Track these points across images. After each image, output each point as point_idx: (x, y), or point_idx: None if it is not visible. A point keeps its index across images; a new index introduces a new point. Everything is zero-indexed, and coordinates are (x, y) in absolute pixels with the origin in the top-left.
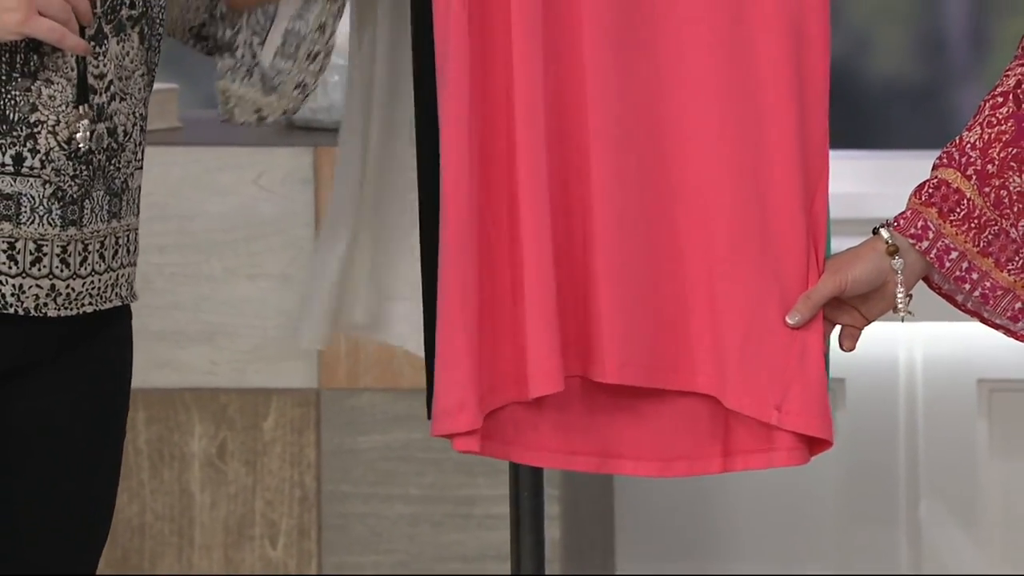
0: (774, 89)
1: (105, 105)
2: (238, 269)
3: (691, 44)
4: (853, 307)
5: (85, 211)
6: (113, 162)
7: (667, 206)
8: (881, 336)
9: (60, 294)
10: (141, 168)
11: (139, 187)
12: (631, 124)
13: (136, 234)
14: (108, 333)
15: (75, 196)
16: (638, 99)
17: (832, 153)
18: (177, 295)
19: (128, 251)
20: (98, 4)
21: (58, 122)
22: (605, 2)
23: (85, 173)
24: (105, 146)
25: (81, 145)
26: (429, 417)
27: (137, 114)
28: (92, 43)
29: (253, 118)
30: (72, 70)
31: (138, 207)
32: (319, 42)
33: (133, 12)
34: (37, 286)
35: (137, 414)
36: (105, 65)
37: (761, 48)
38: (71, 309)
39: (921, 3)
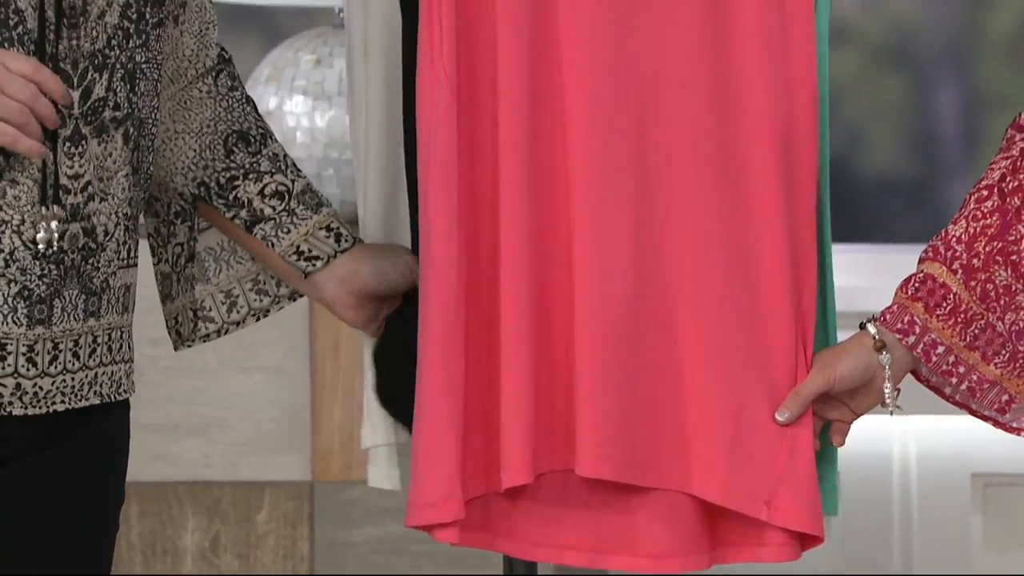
0: (762, 182)
1: (81, 205)
2: (232, 361)
3: (681, 137)
4: (842, 402)
5: (55, 310)
6: (90, 262)
7: (654, 299)
8: (874, 430)
9: (27, 392)
10: (131, 266)
11: (127, 285)
12: (618, 218)
13: (124, 332)
14: (95, 427)
15: (43, 295)
16: (625, 190)
17: None
18: (171, 388)
19: (111, 349)
20: (75, 105)
21: (23, 221)
22: (597, 100)
23: (55, 272)
24: (80, 246)
25: (41, 246)
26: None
27: (121, 214)
28: (68, 144)
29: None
30: (39, 171)
31: (125, 305)
32: (223, 306)
33: (117, 114)
34: (1, 384)
35: (130, 508)
36: (82, 166)
37: (749, 141)
38: (40, 407)
39: (913, 100)
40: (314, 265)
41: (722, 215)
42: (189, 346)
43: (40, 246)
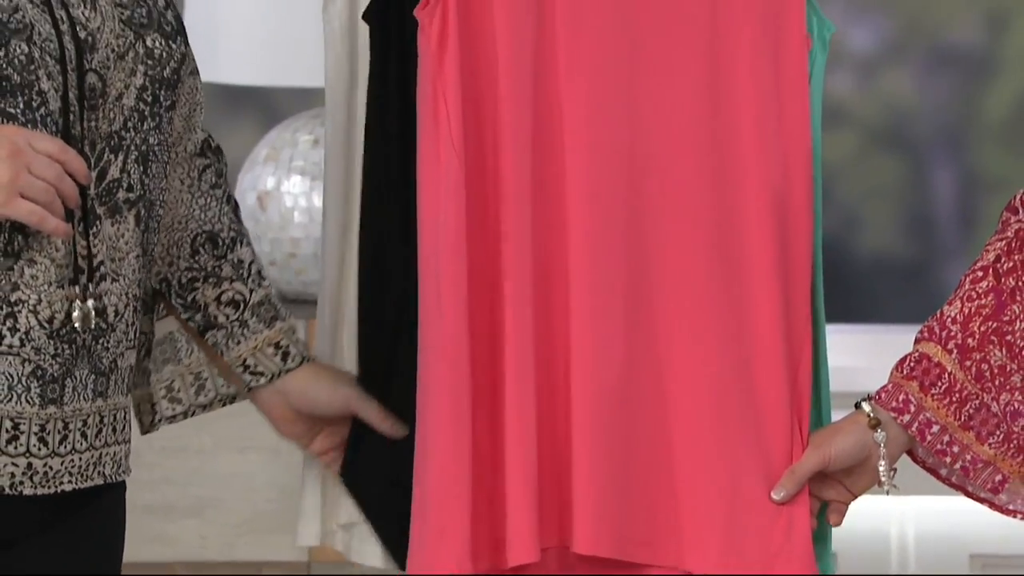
0: (758, 258)
1: (95, 286)
2: (228, 442)
3: (677, 212)
4: (838, 481)
5: (67, 390)
6: (101, 342)
7: (651, 378)
8: (872, 510)
9: (37, 472)
10: (135, 347)
11: (131, 366)
12: (616, 299)
13: (126, 413)
14: (96, 508)
15: (56, 375)
16: (622, 272)
17: None
18: (167, 468)
19: (115, 430)
20: (91, 186)
21: (39, 301)
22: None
23: (68, 352)
24: (92, 326)
25: (77, 325)
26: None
27: (131, 295)
28: (83, 224)
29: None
30: (57, 250)
31: (129, 386)
32: (164, 398)
33: (131, 195)
34: (13, 464)
35: None
36: (96, 247)
37: (746, 217)
38: (49, 487)
39: (910, 182)
40: (258, 381)
41: (717, 291)
42: (155, 430)
43: (76, 324)
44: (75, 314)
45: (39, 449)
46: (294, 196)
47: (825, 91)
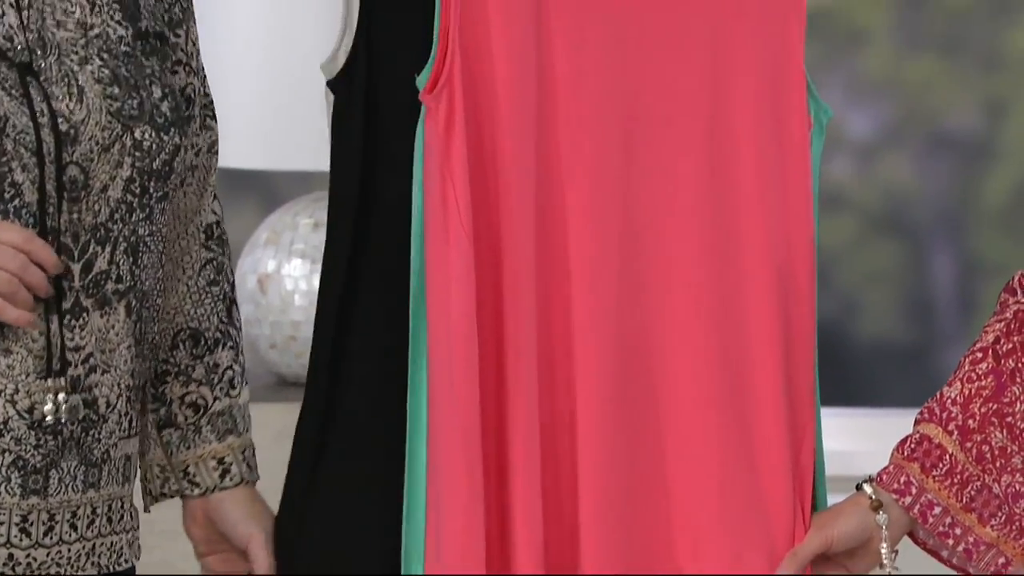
0: (760, 344)
1: (82, 377)
2: None
3: (679, 300)
4: (840, 563)
5: (51, 481)
6: (91, 433)
7: (654, 462)
8: None
9: (19, 563)
10: (132, 436)
11: (128, 455)
12: (620, 380)
13: (125, 502)
14: None
15: (39, 466)
16: (624, 348)
17: (822, 411)
18: (167, 552)
19: (110, 520)
20: (76, 278)
21: (16, 391)
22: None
23: (52, 443)
24: (81, 418)
25: (48, 419)
26: None
27: (123, 385)
28: (69, 316)
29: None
30: (34, 341)
31: (127, 475)
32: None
33: (120, 286)
34: None
35: None
36: (83, 338)
37: (748, 299)
38: None
39: (908, 267)
40: (191, 491)
41: (718, 370)
42: (147, 512)
43: (47, 419)
44: (47, 407)
45: (20, 540)
46: (294, 279)
47: (824, 176)
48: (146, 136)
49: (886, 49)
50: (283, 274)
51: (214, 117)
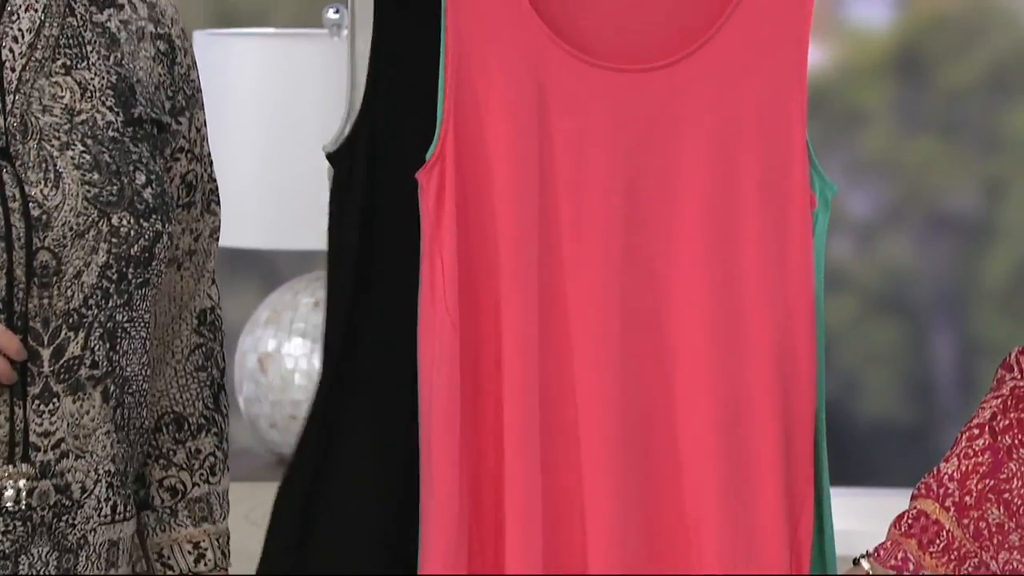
0: (760, 418)
1: (53, 463)
2: None
3: (682, 377)
4: None
5: (21, 567)
6: (64, 519)
7: (654, 538)
8: None
9: None
10: (119, 521)
11: (113, 540)
12: (626, 458)
13: None
14: None
15: (6, 551)
16: (628, 427)
17: None
18: None
19: None
20: (46, 363)
21: None
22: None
23: (20, 529)
24: (52, 503)
25: (9, 505)
26: None
27: (101, 471)
28: (38, 401)
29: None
30: None
31: (112, 560)
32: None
33: (95, 372)
34: None
35: None
36: (53, 423)
37: (749, 376)
38: None
39: (909, 346)
40: (164, 573)
41: (718, 446)
42: None
43: (8, 504)
44: (7, 493)
45: None
46: (295, 358)
47: (826, 256)
48: (124, 222)
49: (886, 129)
50: (283, 353)
51: (218, 203)
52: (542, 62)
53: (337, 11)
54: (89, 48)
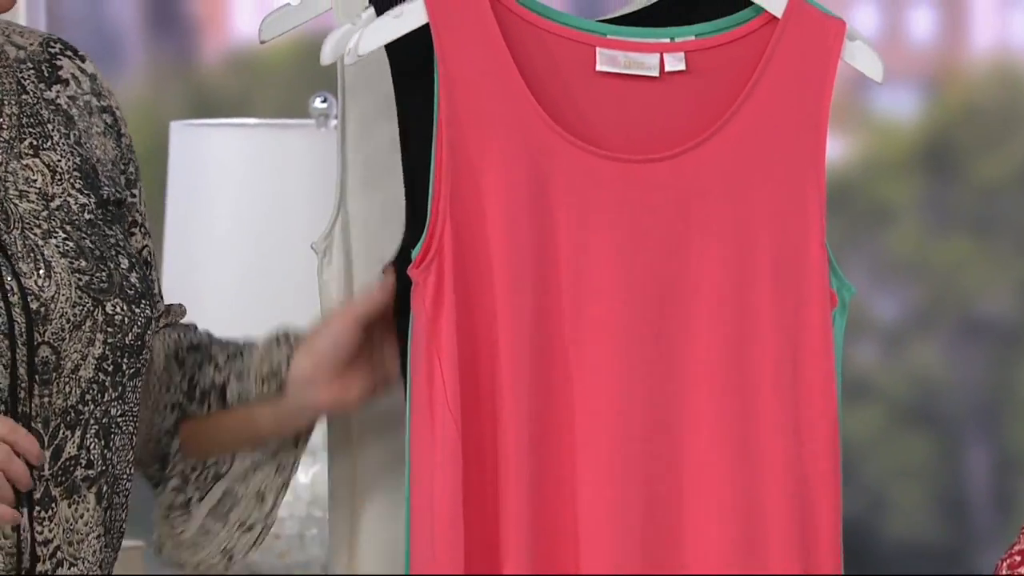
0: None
1: (49, 574)
2: None
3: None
4: None
5: None
6: None
7: None
8: None
9: None
10: None
11: None
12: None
13: None
14: None
15: None
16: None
17: None
18: None
19: None
20: (45, 466)
21: None
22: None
23: None
24: None
25: None
26: None
27: None
28: (38, 508)
29: (180, 562)
30: (5, 538)
31: None
32: (255, 511)
33: (90, 472)
34: None
35: None
36: (52, 530)
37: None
38: None
39: (940, 461)
40: (284, 368)
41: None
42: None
43: None
44: None
45: None
46: None
47: (849, 363)
48: (118, 309)
49: (913, 227)
50: None
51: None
52: (544, 153)
53: (325, 100)
54: (50, 127)
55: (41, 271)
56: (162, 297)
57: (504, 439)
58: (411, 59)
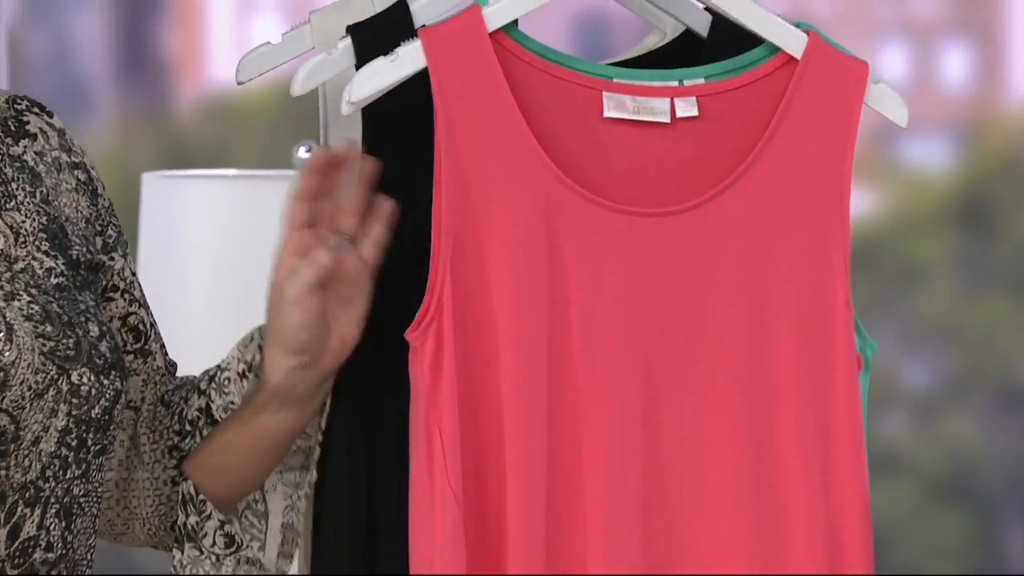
0: None
1: None
2: None
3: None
4: None
5: None
6: None
7: None
8: None
9: None
10: None
11: None
12: None
13: None
14: None
15: None
16: None
17: None
18: None
19: None
20: (1, 546)
21: None
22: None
23: None
24: None
25: None
26: None
27: None
28: None
29: None
30: None
31: None
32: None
33: (50, 555)
34: None
35: None
36: None
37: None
38: None
39: (975, 540)
40: (258, 358)
41: None
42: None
43: None
44: None
45: None
46: None
47: (878, 434)
48: (84, 380)
49: (946, 287)
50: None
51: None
52: (551, 206)
53: (309, 149)
54: (14, 186)
55: (1, 334)
56: (165, 352)
57: (512, 519)
58: (391, 100)
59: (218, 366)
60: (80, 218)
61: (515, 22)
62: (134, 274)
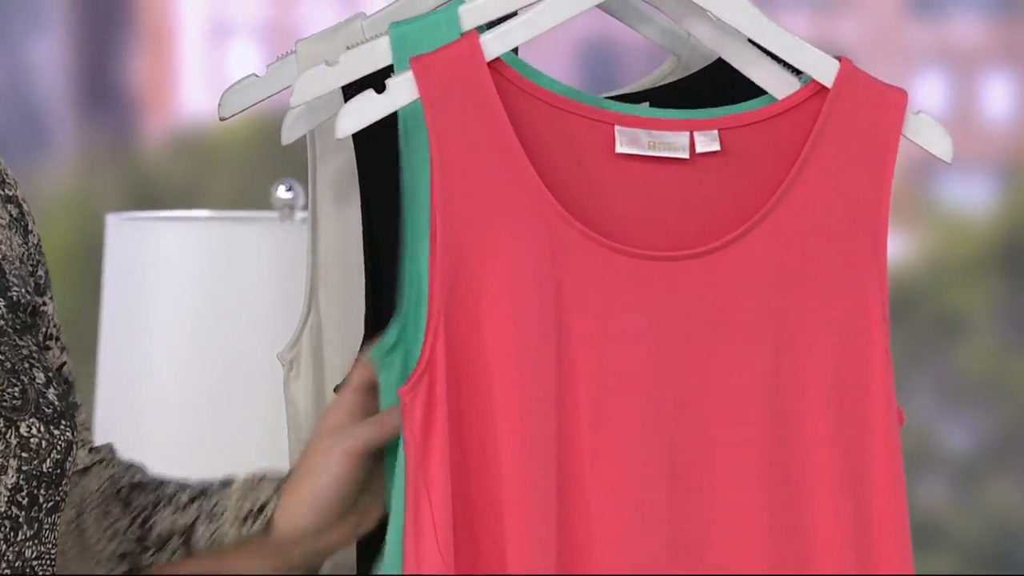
0: None
1: None
2: None
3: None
4: None
5: None
6: None
7: None
8: None
9: None
10: None
11: None
12: None
13: None
14: None
15: None
16: None
17: None
18: None
19: None
20: None
21: None
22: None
23: None
24: None
25: None
26: None
27: None
28: None
29: None
30: None
31: None
32: None
33: None
34: None
35: None
36: None
37: None
38: None
39: None
40: (273, 508)
41: None
42: None
43: None
44: None
45: None
46: None
47: (914, 502)
48: (34, 431)
49: (988, 341)
50: None
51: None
52: (556, 249)
53: (290, 188)
54: None
55: None
56: (89, 427)
57: None
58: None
59: (205, 487)
60: (14, 256)
61: (516, 50)
62: (56, 316)
